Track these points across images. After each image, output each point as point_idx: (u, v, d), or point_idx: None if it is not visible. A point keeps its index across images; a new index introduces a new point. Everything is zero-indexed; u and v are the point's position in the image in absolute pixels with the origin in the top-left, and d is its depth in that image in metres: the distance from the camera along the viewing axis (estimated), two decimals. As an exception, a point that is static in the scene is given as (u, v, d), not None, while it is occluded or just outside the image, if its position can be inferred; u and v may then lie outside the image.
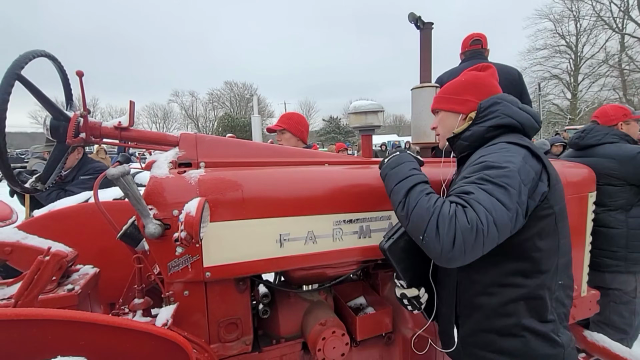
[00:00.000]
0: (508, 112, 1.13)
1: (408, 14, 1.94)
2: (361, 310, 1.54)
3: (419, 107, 1.94)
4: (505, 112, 1.13)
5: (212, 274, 1.15)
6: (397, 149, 1.33)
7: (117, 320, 0.69)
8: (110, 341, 0.67)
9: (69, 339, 0.64)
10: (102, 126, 1.18)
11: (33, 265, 0.94)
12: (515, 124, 1.13)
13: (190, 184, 1.14)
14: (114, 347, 0.67)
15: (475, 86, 1.22)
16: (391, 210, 1.37)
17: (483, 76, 1.25)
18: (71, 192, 2.31)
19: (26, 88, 1.01)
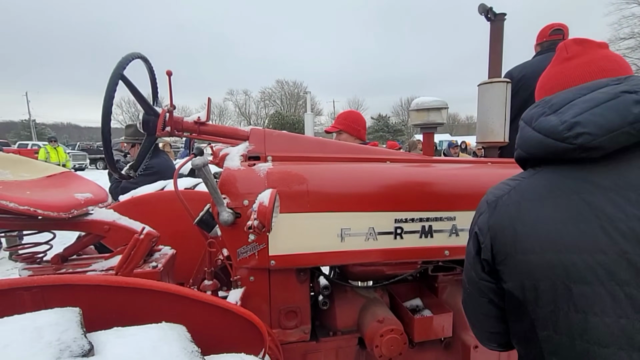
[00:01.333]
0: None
1: (478, 5, 1.84)
2: (417, 312, 1.50)
3: (487, 104, 1.83)
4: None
5: (276, 263, 1.21)
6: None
7: (207, 296, 0.77)
8: (199, 314, 0.75)
9: (167, 309, 0.72)
10: (183, 121, 1.30)
11: (130, 242, 1.07)
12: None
13: (259, 176, 1.21)
14: (202, 320, 0.74)
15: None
16: (456, 211, 1.32)
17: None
18: (125, 189, 2.45)
19: (126, 87, 1.15)
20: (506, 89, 1.81)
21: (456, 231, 1.32)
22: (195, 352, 0.58)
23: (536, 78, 2.38)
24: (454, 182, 1.36)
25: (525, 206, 0.70)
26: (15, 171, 1.29)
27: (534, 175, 0.74)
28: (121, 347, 0.53)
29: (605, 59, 0.74)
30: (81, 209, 1.20)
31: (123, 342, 0.55)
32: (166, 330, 0.60)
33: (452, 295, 1.51)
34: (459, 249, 1.32)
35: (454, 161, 1.69)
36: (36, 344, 0.47)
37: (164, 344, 0.56)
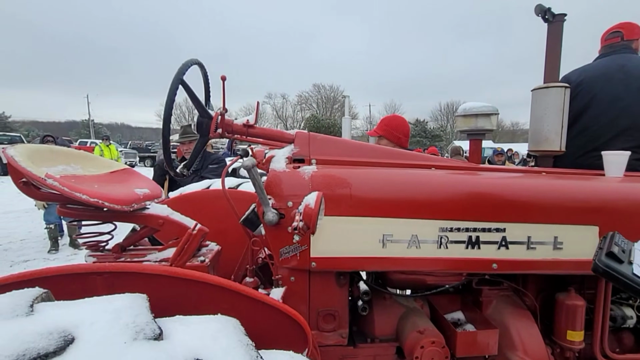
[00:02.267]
0: None
1: (535, 6, 1.74)
2: (459, 326, 1.44)
3: (542, 110, 1.73)
4: None
5: (317, 265, 1.22)
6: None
7: (257, 293, 0.80)
8: (249, 309, 0.78)
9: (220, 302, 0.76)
10: (234, 123, 1.36)
11: (184, 236, 1.14)
12: None
13: (304, 178, 1.24)
14: (251, 315, 0.77)
15: None
16: (505, 222, 1.26)
17: None
18: (206, 177, 2.74)
19: (185, 91, 1.23)
20: (564, 94, 1.69)
21: (506, 243, 1.25)
22: (250, 345, 0.61)
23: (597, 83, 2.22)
24: (504, 191, 1.29)
25: None
26: (84, 166, 1.42)
27: None
28: (185, 335, 0.57)
29: None
30: (140, 203, 1.29)
31: (187, 330, 0.59)
32: (223, 323, 0.64)
33: (498, 311, 1.43)
34: (509, 262, 1.25)
35: (504, 170, 1.61)
36: (116, 324, 0.52)
37: (223, 335, 0.59)
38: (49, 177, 1.06)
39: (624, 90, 1.88)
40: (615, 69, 1.97)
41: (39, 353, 0.42)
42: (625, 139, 1.84)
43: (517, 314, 1.38)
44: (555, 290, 1.42)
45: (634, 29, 2.17)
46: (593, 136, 1.92)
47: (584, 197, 1.28)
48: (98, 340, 0.48)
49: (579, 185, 1.34)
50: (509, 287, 1.47)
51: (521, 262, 1.26)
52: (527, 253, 1.26)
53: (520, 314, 1.39)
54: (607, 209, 1.26)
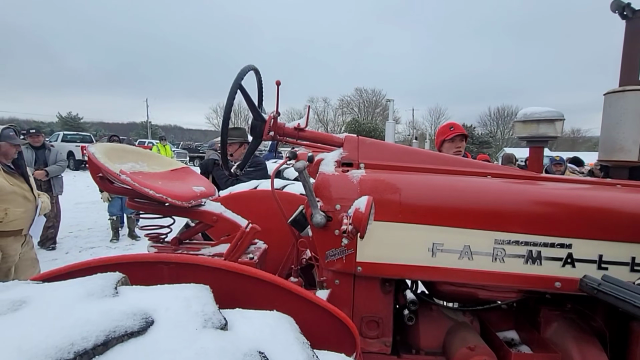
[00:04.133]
0: None
1: (611, 2, 1.59)
2: (513, 346, 1.34)
3: (616, 116, 1.56)
4: None
5: (363, 270, 1.21)
6: None
7: (308, 293, 0.82)
8: (300, 308, 0.80)
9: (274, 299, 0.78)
10: (285, 126, 1.40)
11: (238, 234, 1.20)
12: None
13: (352, 182, 1.24)
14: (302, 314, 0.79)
15: None
16: (570, 238, 1.15)
17: None
18: (241, 181, 2.84)
19: (242, 95, 1.29)
20: (646, 98, 1.52)
21: (572, 261, 1.15)
22: (305, 343, 0.62)
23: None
24: (572, 203, 1.19)
25: None
26: (150, 164, 1.55)
27: None
28: (247, 327, 0.60)
29: None
30: (197, 200, 1.38)
31: (248, 323, 0.61)
32: (280, 319, 0.66)
33: (559, 335, 1.31)
34: (575, 281, 1.14)
35: (569, 180, 1.48)
36: (188, 311, 0.56)
37: (281, 331, 0.61)
38: (122, 173, 1.18)
39: None
40: None
41: (126, 331, 0.47)
42: None
43: (583, 340, 1.25)
44: (631, 318, 1.26)
45: None
46: (679, 146, 1.70)
47: (669, 214, 1.14)
48: (174, 324, 0.52)
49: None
50: (573, 310, 1.34)
51: (589, 283, 1.14)
52: (597, 273, 1.14)
53: (586, 340, 1.26)
54: (700, 229, 1.11)
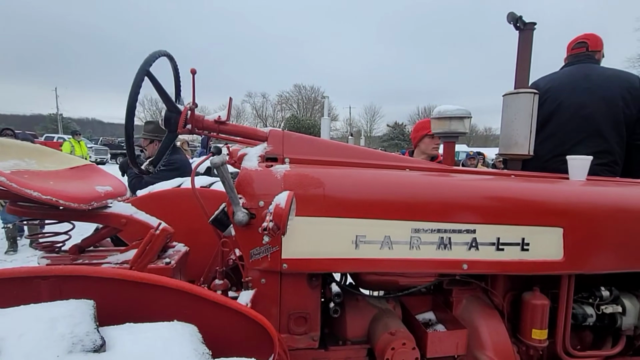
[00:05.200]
0: None
1: (507, 13, 1.79)
2: (430, 326, 1.45)
3: (512, 115, 1.77)
4: None
5: (289, 266, 1.19)
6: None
7: (220, 297, 0.76)
8: (209, 314, 0.74)
9: (178, 307, 0.71)
10: (204, 119, 1.31)
11: (146, 237, 1.08)
12: None
13: (276, 178, 1.20)
14: (213, 320, 0.73)
15: None
16: (475, 224, 1.27)
17: None
18: (149, 182, 2.49)
19: (151, 83, 1.16)
20: (533, 100, 1.75)
21: (476, 245, 1.27)
22: (206, 354, 0.57)
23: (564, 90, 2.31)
24: (476, 193, 1.31)
25: None
26: (40, 161, 1.32)
27: None
28: (133, 345, 0.53)
29: None
30: (101, 201, 1.21)
31: (135, 339, 0.54)
32: (178, 330, 0.59)
33: (467, 311, 1.45)
34: (478, 263, 1.27)
35: (476, 172, 1.64)
36: (50, 335, 0.47)
37: (176, 343, 0.55)
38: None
39: (588, 99, 1.98)
40: (580, 77, 2.07)
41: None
42: (588, 145, 1.93)
43: (486, 313, 1.41)
44: (522, 290, 1.46)
45: (597, 40, 2.28)
46: (559, 141, 2.00)
47: (549, 199, 1.33)
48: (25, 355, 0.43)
49: (544, 188, 1.39)
50: (478, 288, 1.49)
51: (490, 263, 1.28)
52: (496, 254, 1.28)
53: (488, 313, 1.42)
54: (571, 211, 1.31)
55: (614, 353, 1.49)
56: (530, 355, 1.46)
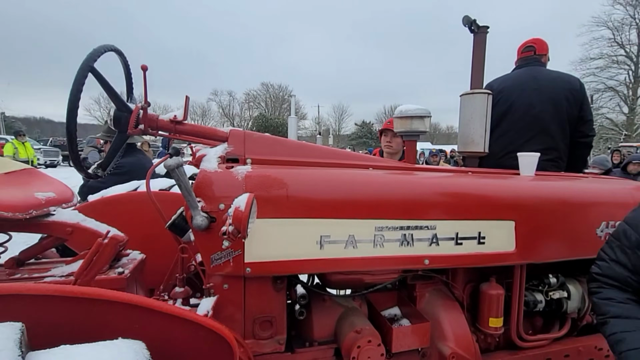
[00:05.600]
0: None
1: (462, 17, 1.87)
2: (395, 321, 1.48)
3: (469, 114, 1.86)
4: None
5: (252, 270, 1.16)
6: None
7: (171, 307, 0.71)
8: (162, 327, 0.69)
9: (126, 321, 0.66)
10: (159, 119, 1.23)
11: (93, 247, 0.99)
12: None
13: (237, 179, 1.16)
14: (165, 332, 0.69)
15: None
16: (436, 220, 1.32)
17: None
18: (94, 189, 2.29)
19: (97, 80, 1.08)
20: (487, 100, 1.84)
21: (437, 240, 1.31)
22: (152, 372, 0.53)
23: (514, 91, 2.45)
24: (436, 191, 1.36)
25: None
26: (-32, 166, 1.18)
27: None
28: (65, 370, 0.48)
29: None
30: (41, 209, 1.11)
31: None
32: (122, 349, 0.55)
33: (430, 305, 1.50)
34: (439, 257, 1.31)
35: (436, 170, 1.70)
36: (-40, 368, 0.41)
37: (117, 364, 0.51)
38: None
39: (536, 99, 2.11)
40: (529, 79, 2.20)
41: None
42: (537, 142, 2.07)
43: (447, 306, 1.46)
44: (480, 281, 1.53)
45: (543, 45, 2.45)
46: (511, 139, 2.13)
47: (502, 195, 1.40)
48: None
49: (498, 184, 1.46)
50: (440, 281, 1.55)
51: (450, 257, 1.33)
52: (455, 248, 1.33)
53: (449, 305, 1.47)
54: (521, 205, 1.39)
55: (561, 335, 1.61)
56: (488, 343, 1.53)
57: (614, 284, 1.02)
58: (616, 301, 0.99)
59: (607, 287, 1.03)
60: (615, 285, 1.02)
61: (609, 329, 0.98)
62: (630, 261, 0.99)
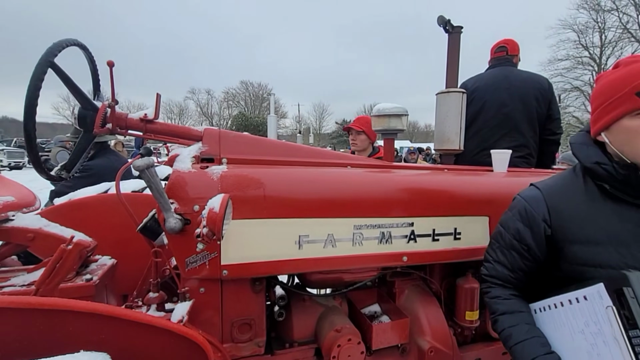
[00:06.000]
0: None
1: (437, 17, 1.90)
2: (375, 318, 1.49)
3: (444, 113, 1.89)
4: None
5: (229, 273, 1.13)
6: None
7: (138, 315, 0.68)
8: (130, 336, 0.66)
9: (90, 332, 0.62)
10: (128, 117, 1.18)
11: (56, 254, 0.93)
12: None
13: (212, 179, 1.13)
14: (133, 342, 0.65)
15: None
16: (414, 217, 1.33)
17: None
18: (60, 192, 2.14)
19: (58, 76, 1.01)
20: (462, 98, 1.88)
21: (414, 237, 1.32)
22: (117, 386, 0.50)
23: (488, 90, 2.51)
24: (412, 188, 1.37)
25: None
26: None
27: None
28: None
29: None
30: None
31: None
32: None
33: (409, 300, 1.52)
34: (417, 254, 1.33)
35: (413, 167, 1.72)
36: None
37: (76, 380, 0.47)
38: None
39: (508, 98, 2.18)
40: (501, 79, 2.27)
41: None
42: (508, 140, 2.14)
43: (425, 301, 1.49)
44: (457, 276, 1.56)
45: (515, 45, 2.54)
46: (484, 137, 2.19)
47: (476, 191, 1.43)
48: None
49: (472, 180, 1.50)
50: (418, 277, 1.57)
51: (427, 253, 1.35)
52: (432, 244, 1.35)
53: (427, 301, 1.50)
54: (495, 201, 1.43)
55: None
56: (465, 336, 1.57)
57: (498, 282, 1.08)
58: (502, 299, 1.05)
59: (494, 286, 1.09)
60: (500, 284, 1.08)
61: (499, 326, 1.03)
62: (508, 260, 1.06)
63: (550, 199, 1.00)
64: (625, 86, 0.86)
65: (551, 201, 1.00)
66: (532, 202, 1.02)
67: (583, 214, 0.95)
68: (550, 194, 1.01)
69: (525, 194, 1.06)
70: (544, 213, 0.99)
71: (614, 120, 0.89)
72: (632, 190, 0.90)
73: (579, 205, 0.96)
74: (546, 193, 1.01)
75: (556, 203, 0.99)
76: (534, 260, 1.03)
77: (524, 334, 0.96)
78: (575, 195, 0.98)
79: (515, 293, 1.07)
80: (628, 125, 0.86)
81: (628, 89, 0.85)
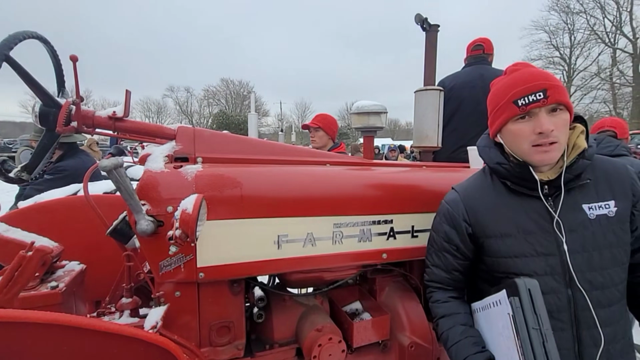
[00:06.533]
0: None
1: (414, 15, 1.92)
2: (357, 316, 1.49)
3: (422, 110, 1.91)
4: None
5: (206, 275, 1.10)
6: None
7: (104, 324, 0.64)
8: (96, 346, 0.62)
9: (51, 344, 0.58)
10: (95, 115, 1.12)
11: (14, 261, 0.87)
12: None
13: (186, 179, 1.09)
14: (100, 352, 0.62)
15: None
16: (393, 214, 1.34)
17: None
18: (29, 195, 2.06)
19: (14, 70, 0.95)
20: (439, 96, 1.91)
21: (394, 234, 1.33)
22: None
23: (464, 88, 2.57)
24: (391, 185, 1.38)
25: None
26: None
27: None
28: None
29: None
30: (-50, 220, 0.95)
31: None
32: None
33: (389, 297, 1.52)
34: (397, 251, 1.34)
35: (392, 164, 1.73)
36: None
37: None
38: None
39: (483, 96, 2.22)
40: (477, 77, 2.33)
41: None
42: (484, 137, 2.19)
43: (405, 297, 1.50)
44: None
45: (490, 44, 2.61)
46: (461, 134, 2.24)
47: (454, 187, 1.45)
48: None
49: (450, 177, 1.52)
50: (399, 274, 1.58)
51: (407, 250, 1.36)
52: (411, 241, 1.37)
53: (407, 297, 1.51)
54: (471, 196, 1.46)
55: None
56: (445, 330, 1.60)
57: (438, 286, 1.14)
58: (441, 302, 1.11)
59: (435, 290, 1.15)
60: (440, 287, 1.14)
61: (439, 329, 1.08)
62: (443, 262, 1.12)
63: (466, 199, 1.09)
64: (505, 94, 0.97)
65: (467, 201, 1.09)
66: (453, 205, 1.11)
67: (495, 210, 1.04)
68: (466, 195, 1.10)
69: (447, 197, 1.16)
70: (463, 213, 1.08)
71: (502, 124, 1.00)
72: (528, 184, 0.99)
73: (490, 203, 1.05)
74: (462, 194, 1.11)
75: (472, 203, 1.08)
76: (464, 258, 1.10)
77: (458, 335, 1.01)
78: (487, 193, 1.08)
79: (454, 295, 1.12)
80: (512, 129, 0.97)
81: (507, 97, 0.96)
